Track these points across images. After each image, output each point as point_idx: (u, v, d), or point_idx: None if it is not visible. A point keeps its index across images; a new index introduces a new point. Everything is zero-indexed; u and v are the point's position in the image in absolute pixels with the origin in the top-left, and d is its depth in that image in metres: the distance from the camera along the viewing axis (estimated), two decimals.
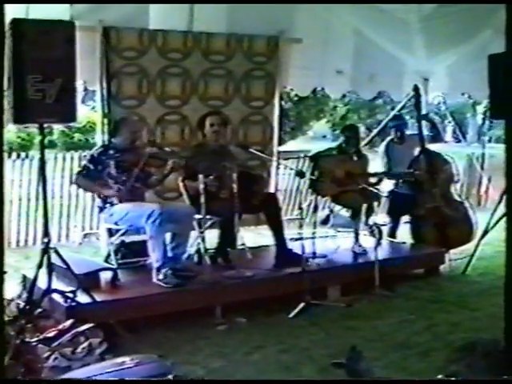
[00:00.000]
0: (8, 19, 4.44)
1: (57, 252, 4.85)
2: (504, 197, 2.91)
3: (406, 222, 7.46)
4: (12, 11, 4.54)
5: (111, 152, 5.80)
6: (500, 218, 6.41)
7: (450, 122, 15.97)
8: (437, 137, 7.64)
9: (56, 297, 4.86)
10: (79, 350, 4.27)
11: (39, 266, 4.78)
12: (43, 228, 4.97)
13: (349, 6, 6.86)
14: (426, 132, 7.55)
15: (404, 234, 7.46)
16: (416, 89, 7.25)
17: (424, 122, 7.60)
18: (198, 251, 6.06)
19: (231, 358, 4.64)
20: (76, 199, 8.66)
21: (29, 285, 4.98)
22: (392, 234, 7.39)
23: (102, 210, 5.86)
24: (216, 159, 6.06)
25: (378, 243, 6.29)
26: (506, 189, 2.11)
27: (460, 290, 6.35)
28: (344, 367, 2.93)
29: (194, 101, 6.82)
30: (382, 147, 7.59)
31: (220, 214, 5.95)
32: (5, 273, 4.50)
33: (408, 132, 7.69)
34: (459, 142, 16.63)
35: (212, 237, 6.24)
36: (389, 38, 7.49)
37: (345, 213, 7.13)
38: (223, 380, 4.28)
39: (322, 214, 7.21)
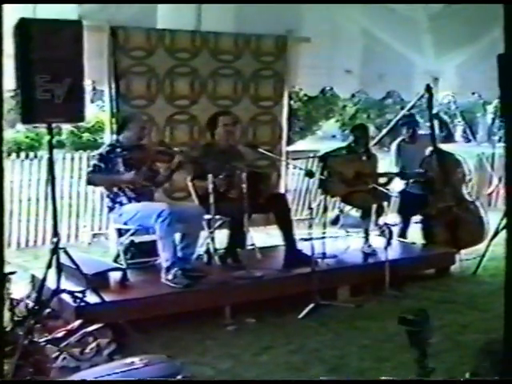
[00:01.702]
0: (16, 19, 4.45)
1: (66, 252, 4.84)
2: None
3: (416, 222, 7.42)
4: (20, 11, 4.57)
5: (119, 150, 5.80)
6: (507, 220, 6.35)
7: (459, 122, 15.91)
8: (448, 137, 7.58)
9: (65, 297, 4.85)
10: (88, 350, 4.27)
11: (48, 266, 4.76)
12: (52, 228, 4.97)
13: (358, 5, 6.84)
14: (438, 132, 7.51)
15: (414, 234, 7.42)
16: (428, 88, 7.20)
17: (435, 122, 7.55)
18: (207, 251, 6.06)
19: (240, 358, 4.63)
20: (85, 199, 8.66)
21: (38, 285, 4.98)
22: (402, 234, 7.36)
23: (111, 209, 5.85)
24: (225, 159, 6.05)
25: (388, 243, 6.26)
26: (506, 189, 2.09)
27: (470, 291, 6.32)
28: (411, 325, 2.84)
29: (202, 100, 6.81)
30: (393, 147, 7.56)
31: (229, 214, 5.94)
32: (14, 273, 4.55)
33: (420, 132, 7.65)
34: (469, 141, 16.57)
35: (222, 237, 6.23)
36: (398, 37, 7.45)
37: (355, 213, 7.10)
38: (231, 380, 4.27)
39: (331, 214, 7.19)
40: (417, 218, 7.41)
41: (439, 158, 7.15)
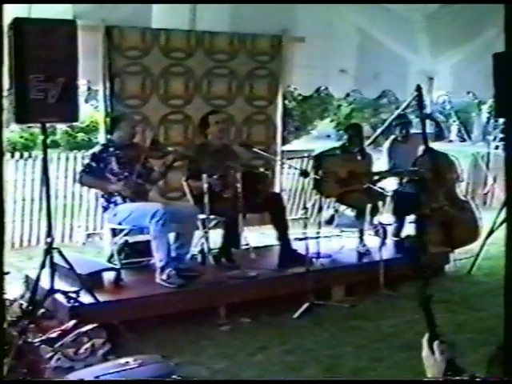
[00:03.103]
0: (10, 19, 4.43)
1: (60, 252, 4.84)
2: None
3: (410, 222, 7.42)
4: (14, 11, 4.55)
5: (112, 149, 5.80)
6: (506, 218, 6.36)
7: (454, 121, 15.97)
8: (440, 135, 7.57)
9: (59, 297, 4.85)
10: (82, 350, 4.27)
11: (42, 266, 4.76)
12: (46, 228, 4.96)
13: (353, 5, 6.84)
14: (431, 131, 7.51)
15: (409, 233, 7.42)
16: (418, 88, 7.17)
17: (429, 121, 7.55)
18: (201, 251, 6.05)
19: (235, 358, 4.63)
20: (79, 199, 8.64)
21: (32, 285, 4.97)
22: (397, 233, 7.36)
23: (105, 209, 5.84)
24: (219, 159, 6.05)
25: (383, 243, 6.27)
26: (506, 188, 2.10)
27: (465, 290, 6.33)
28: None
29: (197, 100, 6.80)
30: (385, 146, 7.56)
31: (224, 214, 5.94)
32: (8, 273, 4.53)
33: (412, 131, 7.64)
34: (464, 141, 16.61)
35: (216, 237, 6.22)
36: (393, 36, 7.46)
37: (349, 213, 7.10)
38: (226, 380, 4.27)
39: (326, 213, 7.19)
40: (411, 217, 7.40)
41: (431, 158, 7.14)
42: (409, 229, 7.42)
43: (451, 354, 2.05)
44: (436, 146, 7.46)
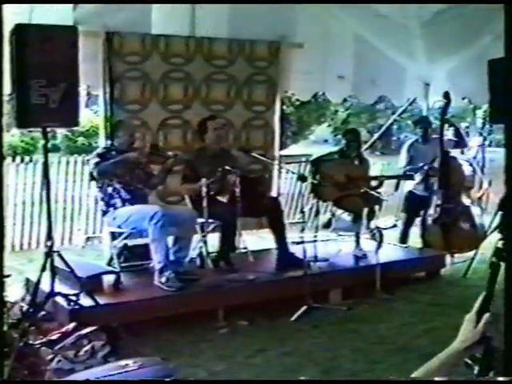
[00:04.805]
0: (12, 25, 4.48)
1: (60, 255, 4.87)
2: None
3: (415, 225, 7.48)
4: (16, 17, 4.61)
5: (113, 153, 5.83)
6: (501, 222, 6.40)
7: (450, 127, 16.02)
8: (461, 143, 7.59)
9: (59, 300, 4.88)
10: (82, 352, 4.29)
11: (43, 269, 4.80)
12: (47, 231, 5.00)
13: (350, 11, 6.90)
14: (453, 137, 7.60)
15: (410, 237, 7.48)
16: (447, 95, 7.12)
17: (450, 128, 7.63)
18: (200, 254, 6.09)
19: (233, 360, 4.66)
20: (79, 203, 8.67)
21: (32, 288, 4.99)
22: (403, 239, 7.40)
23: (105, 213, 5.88)
24: (217, 163, 6.08)
25: (379, 247, 6.31)
26: (506, 194, 2.14)
27: (461, 294, 6.36)
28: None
29: (196, 105, 6.85)
30: (405, 145, 7.62)
31: (219, 218, 5.98)
32: (8, 276, 4.57)
33: (433, 135, 7.66)
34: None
35: (214, 240, 6.26)
36: (389, 43, 7.52)
37: (346, 217, 7.14)
38: (224, 380, 4.31)
39: (323, 217, 7.23)
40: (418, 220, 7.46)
41: (444, 162, 7.14)
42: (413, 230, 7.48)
43: (493, 332, 1.99)
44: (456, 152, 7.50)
